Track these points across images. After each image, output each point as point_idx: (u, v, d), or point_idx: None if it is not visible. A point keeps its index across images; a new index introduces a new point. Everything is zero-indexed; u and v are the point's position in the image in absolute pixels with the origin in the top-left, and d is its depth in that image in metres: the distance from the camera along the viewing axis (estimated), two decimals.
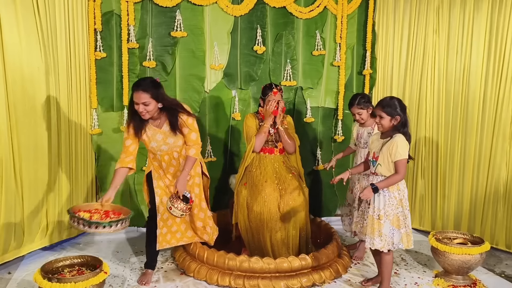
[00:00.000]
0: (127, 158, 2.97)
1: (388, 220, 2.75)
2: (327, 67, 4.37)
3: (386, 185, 2.73)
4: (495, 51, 3.70)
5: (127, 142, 2.98)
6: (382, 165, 2.77)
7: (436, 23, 4.02)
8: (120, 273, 3.25)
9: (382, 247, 2.77)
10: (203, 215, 3.22)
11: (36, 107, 3.30)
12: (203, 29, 4.00)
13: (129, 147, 2.98)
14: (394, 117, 2.74)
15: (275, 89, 3.43)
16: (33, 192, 3.33)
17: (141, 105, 2.82)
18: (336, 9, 4.27)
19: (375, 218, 2.77)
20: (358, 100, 3.49)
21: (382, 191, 2.76)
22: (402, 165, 2.70)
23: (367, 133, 3.55)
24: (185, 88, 4.04)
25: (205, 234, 3.24)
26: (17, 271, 3.22)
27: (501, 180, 3.72)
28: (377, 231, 2.76)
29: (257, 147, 3.43)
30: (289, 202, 3.31)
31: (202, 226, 3.22)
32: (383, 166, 2.76)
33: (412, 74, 4.21)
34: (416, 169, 4.23)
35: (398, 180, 2.73)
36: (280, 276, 3.04)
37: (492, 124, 3.74)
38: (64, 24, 3.51)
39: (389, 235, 2.76)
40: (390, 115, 2.75)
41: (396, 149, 2.69)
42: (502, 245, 3.74)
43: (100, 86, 3.89)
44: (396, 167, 2.71)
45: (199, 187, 3.22)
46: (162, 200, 3.06)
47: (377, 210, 2.77)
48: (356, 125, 3.66)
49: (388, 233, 2.76)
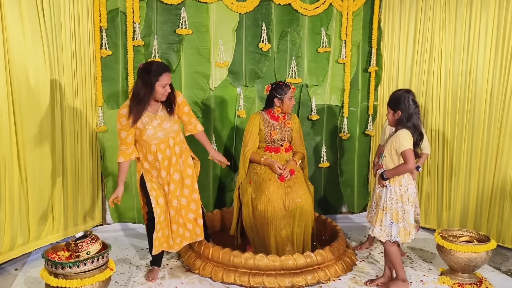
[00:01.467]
0: (128, 150, 2.97)
1: (389, 213, 2.89)
2: (333, 64, 4.35)
3: (394, 173, 2.85)
4: (502, 48, 3.67)
5: (123, 134, 2.92)
6: (386, 157, 2.91)
7: (442, 20, 3.99)
8: (126, 269, 3.27)
9: (380, 236, 2.92)
10: (195, 206, 3.19)
11: (40, 105, 3.32)
12: (208, 26, 4.00)
13: (126, 138, 2.93)
14: (396, 111, 2.85)
15: (292, 85, 3.48)
16: (38, 190, 3.35)
17: (168, 86, 2.90)
18: (342, 6, 4.25)
19: (381, 209, 2.93)
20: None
21: (388, 185, 2.87)
22: (409, 155, 2.78)
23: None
24: (190, 86, 4.05)
25: (197, 228, 3.21)
26: (24, 267, 3.24)
27: (508, 178, 3.69)
28: (379, 220, 2.93)
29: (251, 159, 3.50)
30: (294, 199, 3.31)
31: (193, 218, 3.19)
32: (388, 158, 2.90)
33: (418, 72, 4.19)
34: (422, 167, 4.21)
35: (407, 169, 2.82)
36: (285, 273, 3.04)
37: (499, 121, 3.72)
38: (69, 22, 3.52)
39: (388, 227, 2.90)
40: (392, 109, 2.88)
41: (399, 142, 2.80)
42: (509, 243, 3.72)
43: (106, 83, 3.90)
44: (404, 158, 2.81)
45: (192, 168, 3.17)
46: (158, 202, 3.00)
47: (383, 202, 2.92)
48: (386, 122, 3.61)
49: (388, 225, 2.90)
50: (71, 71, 3.58)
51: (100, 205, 4.06)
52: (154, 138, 2.98)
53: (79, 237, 2.69)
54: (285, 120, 3.52)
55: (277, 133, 3.48)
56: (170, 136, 3.03)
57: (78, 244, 2.61)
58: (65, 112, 3.54)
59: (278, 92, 3.44)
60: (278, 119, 3.50)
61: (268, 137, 3.47)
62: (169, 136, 3.03)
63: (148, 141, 2.97)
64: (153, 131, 2.96)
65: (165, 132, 3.00)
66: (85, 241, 2.63)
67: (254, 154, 3.47)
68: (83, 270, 2.52)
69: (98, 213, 4.05)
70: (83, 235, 2.72)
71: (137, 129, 2.95)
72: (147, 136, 2.96)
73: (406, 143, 2.78)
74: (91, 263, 2.55)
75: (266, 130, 3.48)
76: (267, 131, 3.47)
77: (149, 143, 2.98)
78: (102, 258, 2.62)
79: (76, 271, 2.50)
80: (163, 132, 2.99)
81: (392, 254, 2.96)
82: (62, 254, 2.71)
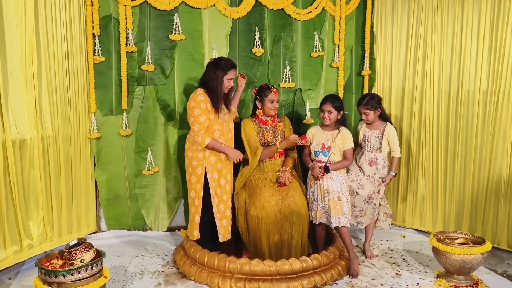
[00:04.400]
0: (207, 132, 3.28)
1: (346, 199, 3.33)
2: (326, 69, 4.37)
3: (337, 168, 3.36)
4: (494, 51, 3.70)
5: (202, 118, 3.23)
6: (335, 154, 3.38)
7: (435, 23, 4.01)
8: (120, 277, 3.24)
9: (347, 223, 3.29)
10: (191, 201, 3.39)
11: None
12: (202, 32, 4.00)
13: (204, 122, 3.25)
14: (339, 112, 3.39)
15: (274, 88, 3.45)
16: (31, 197, 3.32)
17: (232, 80, 3.33)
18: (334, 10, 4.27)
19: (335, 200, 3.29)
20: (367, 100, 3.55)
21: (338, 176, 3.36)
22: (352, 153, 3.42)
23: (374, 136, 3.56)
24: (184, 91, 4.04)
25: (193, 222, 3.37)
26: (18, 276, 3.21)
27: (502, 180, 3.71)
28: (340, 210, 3.28)
29: (262, 158, 3.50)
30: (290, 205, 3.30)
31: (192, 213, 3.38)
32: (336, 154, 3.38)
33: (411, 75, 4.21)
34: (417, 169, 4.22)
35: (348, 164, 3.42)
36: (281, 278, 3.03)
37: (492, 124, 3.74)
38: (62, 28, 3.51)
39: (348, 211, 3.32)
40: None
41: (346, 140, 3.36)
42: (504, 245, 3.73)
43: (99, 90, 3.89)
44: (347, 154, 3.36)
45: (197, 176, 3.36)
46: (216, 192, 3.31)
47: (336, 193, 3.31)
48: (363, 125, 3.66)
49: (347, 210, 3.32)
50: (63, 78, 3.55)
51: (94, 212, 4.03)
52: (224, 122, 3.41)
53: (73, 245, 2.66)
54: (275, 123, 3.53)
55: (270, 135, 3.48)
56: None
57: (71, 252, 2.58)
58: (58, 118, 3.51)
59: (259, 94, 3.49)
60: (267, 123, 3.51)
61: (262, 140, 3.47)
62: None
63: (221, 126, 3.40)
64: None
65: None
66: (79, 249, 2.60)
67: (265, 149, 3.47)
68: (77, 278, 2.50)
69: (92, 221, 4.02)
70: (76, 243, 2.69)
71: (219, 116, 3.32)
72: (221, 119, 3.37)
73: (352, 142, 3.38)
74: (85, 271, 2.53)
75: (259, 134, 3.48)
76: (260, 134, 3.48)
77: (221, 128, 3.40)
78: (96, 266, 2.60)
79: (70, 279, 2.48)
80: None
81: (348, 235, 3.31)
82: (56, 263, 2.68)
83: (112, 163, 4.00)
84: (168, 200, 4.17)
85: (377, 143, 3.57)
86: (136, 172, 4.05)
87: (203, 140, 3.20)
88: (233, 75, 3.31)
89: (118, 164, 4.03)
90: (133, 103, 3.98)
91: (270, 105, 3.45)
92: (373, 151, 3.58)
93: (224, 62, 3.30)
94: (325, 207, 3.33)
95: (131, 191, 4.09)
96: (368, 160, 3.57)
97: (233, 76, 3.31)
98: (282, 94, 4.23)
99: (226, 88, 3.31)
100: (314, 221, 3.37)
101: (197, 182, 3.31)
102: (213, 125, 3.29)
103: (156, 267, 3.42)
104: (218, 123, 3.30)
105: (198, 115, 3.20)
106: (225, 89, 3.30)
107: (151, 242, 3.94)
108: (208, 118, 3.26)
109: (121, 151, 4.02)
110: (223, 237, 3.35)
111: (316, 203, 3.37)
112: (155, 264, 3.48)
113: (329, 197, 3.30)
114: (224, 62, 3.30)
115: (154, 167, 4.05)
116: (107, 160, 3.99)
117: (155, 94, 3.98)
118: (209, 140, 3.21)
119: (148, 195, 4.11)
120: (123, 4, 3.78)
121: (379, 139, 3.57)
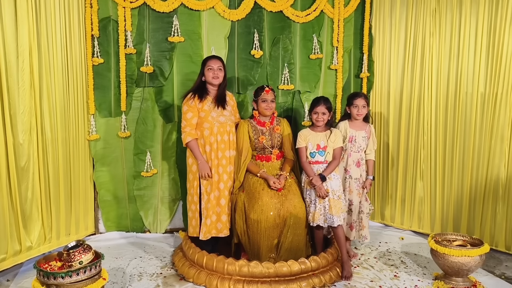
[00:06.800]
0: (193, 130, 3.38)
1: (342, 198, 3.37)
2: (325, 71, 4.38)
3: (331, 171, 3.35)
4: (492, 53, 3.71)
5: (189, 115, 3.36)
6: (330, 153, 3.42)
7: (433, 26, 4.03)
8: (119, 279, 3.24)
9: (341, 221, 3.32)
10: (190, 198, 3.49)
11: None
12: (200, 34, 4.01)
13: (191, 119, 3.37)
14: (330, 112, 3.42)
15: (267, 88, 3.46)
16: (30, 200, 3.31)
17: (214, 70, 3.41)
18: (333, 13, 4.28)
19: (336, 200, 3.31)
20: (365, 95, 3.75)
21: (335, 176, 3.38)
22: (341, 152, 3.46)
23: (361, 137, 3.58)
24: (182, 93, 4.03)
25: (193, 220, 3.47)
26: (16, 278, 3.20)
27: (500, 181, 3.72)
28: (340, 209, 3.32)
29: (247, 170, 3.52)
30: (289, 208, 3.29)
31: (192, 211, 3.48)
32: (331, 153, 3.42)
33: (409, 77, 4.22)
34: (415, 171, 4.23)
35: (338, 164, 3.43)
36: (279, 280, 3.03)
37: (490, 125, 3.75)
38: (61, 30, 3.51)
39: (344, 209, 3.43)
40: (329, 111, 3.44)
41: (339, 139, 3.41)
42: (502, 247, 3.74)
43: (98, 92, 3.89)
44: (336, 154, 3.40)
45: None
46: (206, 189, 3.37)
47: (337, 192, 3.34)
48: (346, 124, 3.63)
49: (344, 208, 3.43)
50: (62, 80, 3.55)
51: (92, 214, 4.03)
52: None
53: (71, 247, 2.66)
54: (273, 126, 3.53)
55: (266, 138, 3.48)
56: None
57: (70, 254, 2.58)
58: (57, 120, 3.51)
59: (254, 95, 3.54)
60: (265, 125, 3.51)
61: (257, 143, 3.47)
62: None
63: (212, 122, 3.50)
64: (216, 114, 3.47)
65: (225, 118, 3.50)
66: (77, 251, 2.60)
67: (252, 165, 3.47)
68: (76, 280, 2.50)
69: (90, 222, 4.01)
70: (75, 244, 2.69)
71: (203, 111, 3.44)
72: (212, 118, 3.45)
73: (342, 141, 3.45)
74: (83, 273, 2.52)
75: (255, 137, 3.48)
76: (256, 137, 3.48)
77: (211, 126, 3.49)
78: (95, 267, 2.59)
79: (68, 281, 2.47)
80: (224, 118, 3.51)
81: (344, 234, 3.38)
82: (54, 264, 2.68)
83: (111, 164, 4.00)
84: (167, 202, 4.17)
85: (364, 143, 3.61)
86: (135, 174, 4.05)
87: (184, 138, 3.36)
88: (212, 64, 3.40)
89: (117, 165, 4.03)
90: (132, 105, 3.98)
91: (264, 105, 3.45)
92: (359, 151, 3.61)
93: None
94: (325, 208, 3.32)
95: (130, 193, 4.09)
96: (355, 161, 3.60)
97: (212, 65, 3.39)
98: (280, 96, 4.24)
99: (210, 78, 3.38)
100: (312, 223, 3.37)
101: (194, 180, 3.43)
102: (203, 123, 3.38)
103: (155, 269, 3.42)
104: (208, 122, 3.36)
105: (185, 111, 3.37)
106: (208, 78, 3.39)
107: (149, 244, 3.94)
108: (197, 116, 3.37)
109: (120, 152, 4.03)
110: (204, 235, 3.36)
111: (313, 206, 3.37)
112: (153, 266, 3.48)
113: (330, 197, 3.30)
114: None
115: (153, 169, 4.05)
116: (105, 161, 3.99)
117: (154, 96, 3.98)
118: (189, 139, 3.34)
119: (147, 197, 4.11)
120: (122, 6, 3.79)
121: (365, 139, 3.61)
